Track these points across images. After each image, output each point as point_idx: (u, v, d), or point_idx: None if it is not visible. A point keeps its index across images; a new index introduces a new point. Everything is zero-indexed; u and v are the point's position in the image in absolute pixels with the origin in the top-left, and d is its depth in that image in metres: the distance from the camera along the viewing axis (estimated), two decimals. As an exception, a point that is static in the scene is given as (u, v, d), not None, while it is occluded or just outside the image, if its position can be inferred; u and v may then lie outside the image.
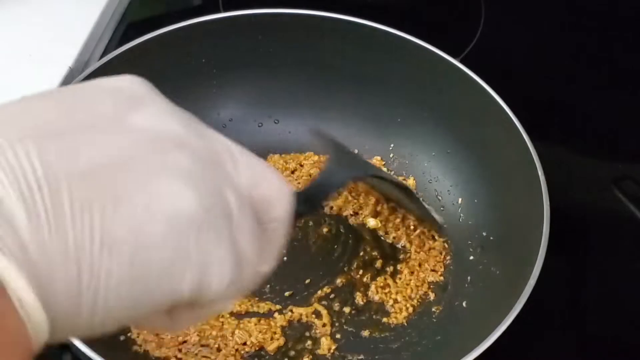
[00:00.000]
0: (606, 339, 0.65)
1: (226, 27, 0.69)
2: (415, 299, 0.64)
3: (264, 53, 0.71)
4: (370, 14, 0.69)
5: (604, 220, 0.73)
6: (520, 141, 0.63)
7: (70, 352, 0.56)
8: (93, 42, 0.77)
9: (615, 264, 0.70)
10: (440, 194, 0.70)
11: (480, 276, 0.63)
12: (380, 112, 0.72)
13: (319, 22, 0.70)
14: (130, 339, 0.59)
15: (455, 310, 0.62)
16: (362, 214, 0.68)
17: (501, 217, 0.65)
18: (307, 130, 0.72)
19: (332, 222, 0.68)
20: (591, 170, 0.77)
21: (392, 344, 0.61)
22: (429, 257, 0.66)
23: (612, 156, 0.78)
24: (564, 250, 0.67)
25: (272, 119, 0.74)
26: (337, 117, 0.73)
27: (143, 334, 0.59)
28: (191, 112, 0.76)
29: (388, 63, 0.70)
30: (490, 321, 0.54)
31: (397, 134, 0.72)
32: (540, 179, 0.60)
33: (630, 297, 0.68)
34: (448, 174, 0.70)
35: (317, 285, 0.64)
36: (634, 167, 0.78)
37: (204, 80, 0.71)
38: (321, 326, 0.61)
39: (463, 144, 0.69)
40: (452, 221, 0.68)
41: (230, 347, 0.59)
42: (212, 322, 0.60)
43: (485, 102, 0.65)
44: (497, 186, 0.66)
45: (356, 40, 0.70)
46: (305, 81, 0.73)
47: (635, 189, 0.74)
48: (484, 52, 0.82)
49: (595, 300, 0.68)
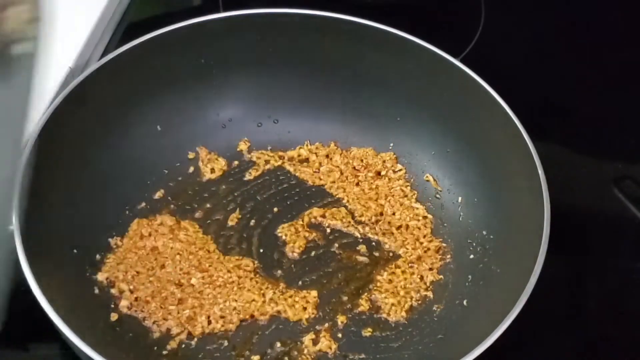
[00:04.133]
0: (606, 339, 0.65)
1: (226, 27, 0.69)
2: (414, 299, 0.64)
3: (263, 53, 0.71)
4: (370, 14, 0.69)
5: (604, 220, 0.73)
6: (520, 141, 0.63)
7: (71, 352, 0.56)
8: (93, 42, 0.77)
9: (615, 264, 0.70)
10: (440, 193, 0.70)
11: (481, 275, 0.63)
12: (380, 112, 0.72)
13: (319, 22, 0.70)
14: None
15: (456, 309, 0.62)
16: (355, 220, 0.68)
17: (501, 217, 0.65)
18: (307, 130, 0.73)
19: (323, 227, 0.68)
20: (591, 170, 0.77)
21: (393, 343, 0.61)
22: (425, 257, 0.66)
23: (612, 156, 0.78)
24: (564, 250, 0.67)
25: (271, 118, 0.74)
26: (337, 116, 0.73)
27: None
28: (191, 112, 0.77)
29: (388, 63, 0.70)
30: (491, 320, 0.54)
31: (397, 134, 0.72)
32: (540, 179, 0.60)
33: (630, 297, 0.68)
34: (448, 173, 0.70)
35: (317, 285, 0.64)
36: (634, 167, 0.78)
37: (204, 80, 0.71)
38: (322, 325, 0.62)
39: (463, 144, 0.69)
40: (452, 220, 0.68)
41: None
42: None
43: (485, 102, 0.65)
44: (497, 185, 0.66)
45: (356, 40, 0.70)
46: (305, 81, 0.73)
47: (635, 189, 0.74)
48: (484, 52, 0.82)
49: (595, 300, 0.68)
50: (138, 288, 0.62)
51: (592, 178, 0.76)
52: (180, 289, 0.62)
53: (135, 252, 0.64)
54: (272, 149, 0.73)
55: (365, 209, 0.69)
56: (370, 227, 0.68)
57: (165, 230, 0.66)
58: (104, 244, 0.64)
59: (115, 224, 0.66)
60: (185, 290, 0.62)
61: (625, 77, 0.85)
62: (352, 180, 0.71)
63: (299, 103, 0.73)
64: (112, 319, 0.60)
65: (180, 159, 0.71)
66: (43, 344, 0.60)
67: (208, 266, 0.64)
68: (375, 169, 0.71)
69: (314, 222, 0.68)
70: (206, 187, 0.70)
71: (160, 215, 0.67)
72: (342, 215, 0.68)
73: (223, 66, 0.71)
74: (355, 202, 0.69)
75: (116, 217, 0.66)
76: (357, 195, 0.70)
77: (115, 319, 0.60)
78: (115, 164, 0.66)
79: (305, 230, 0.67)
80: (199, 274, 0.63)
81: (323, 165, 0.72)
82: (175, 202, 0.68)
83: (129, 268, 0.63)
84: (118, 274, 0.62)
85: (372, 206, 0.69)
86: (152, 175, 0.69)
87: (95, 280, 0.62)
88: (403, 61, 0.69)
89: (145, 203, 0.68)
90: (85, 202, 0.63)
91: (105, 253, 0.64)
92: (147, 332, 0.60)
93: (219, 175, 0.71)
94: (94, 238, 0.64)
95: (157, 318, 0.60)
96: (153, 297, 0.61)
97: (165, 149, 0.70)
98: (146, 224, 0.66)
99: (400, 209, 0.69)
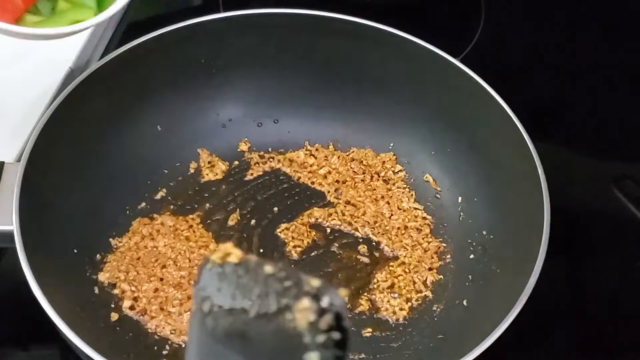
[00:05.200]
0: (606, 339, 0.65)
1: (226, 27, 0.69)
2: (414, 299, 0.64)
3: (263, 53, 0.71)
4: (370, 14, 0.69)
5: (604, 220, 0.73)
6: (520, 141, 0.63)
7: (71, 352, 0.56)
8: (93, 42, 0.77)
9: (615, 264, 0.70)
10: (439, 193, 0.70)
11: (481, 275, 0.63)
12: (380, 112, 0.72)
13: (319, 22, 0.70)
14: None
15: (456, 310, 0.62)
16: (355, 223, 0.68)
17: (501, 216, 0.65)
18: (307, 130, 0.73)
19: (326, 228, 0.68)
20: (591, 170, 0.77)
21: (393, 343, 0.61)
22: (425, 257, 0.66)
23: (612, 156, 0.78)
24: (564, 250, 0.67)
25: (271, 118, 0.74)
26: (337, 116, 0.73)
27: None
28: (191, 112, 0.77)
29: (388, 63, 0.70)
30: (491, 320, 0.54)
31: (397, 133, 0.72)
32: (540, 179, 0.60)
33: (630, 297, 0.68)
34: (448, 173, 0.70)
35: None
36: (634, 167, 0.78)
37: (204, 81, 0.71)
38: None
39: (463, 143, 0.69)
40: (452, 220, 0.68)
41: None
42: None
43: (485, 102, 0.65)
44: (497, 185, 0.66)
45: (356, 40, 0.70)
46: (305, 81, 0.73)
47: (635, 189, 0.74)
48: (484, 52, 0.82)
49: (595, 300, 0.68)
50: (139, 289, 0.62)
51: (592, 178, 0.76)
52: (180, 290, 0.62)
53: (136, 252, 0.64)
54: (272, 149, 0.73)
55: (365, 209, 0.69)
56: (370, 227, 0.68)
57: (166, 231, 0.66)
58: (104, 244, 0.64)
59: (116, 224, 0.66)
60: (187, 292, 0.62)
61: (625, 77, 0.85)
62: (352, 180, 0.71)
63: (299, 103, 0.74)
64: (112, 319, 0.60)
65: (180, 159, 0.71)
66: (43, 344, 0.60)
67: (208, 266, 0.64)
68: (375, 170, 0.71)
69: (314, 222, 0.68)
70: (206, 187, 0.70)
71: (161, 215, 0.67)
72: (342, 216, 0.68)
73: (223, 66, 0.71)
74: (355, 203, 0.69)
75: (116, 217, 0.66)
76: (357, 196, 0.70)
77: (115, 319, 0.60)
78: (116, 164, 0.66)
79: (305, 230, 0.67)
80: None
81: (323, 166, 0.72)
82: (176, 202, 0.68)
83: (129, 268, 0.63)
84: (119, 275, 0.62)
85: (371, 206, 0.69)
86: (153, 175, 0.69)
87: (95, 280, 0.62)
88: (403, 61, 0.69)
89: (146, 203, 0.68)
90: (85, 202, 0.63)
91: (105, 253, 0.64)
92: (147, 332, 0.60)
93: (219, 175, 0.71)
94: (94, 238, 0.64)
95: (158, 322, 0.60)
96: (154, 298, 0.61)
97: (165, 149, 0.70)
98: (146, 224, 0.66)
99: (399, 210, 0.69)
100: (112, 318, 0.60)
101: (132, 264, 0.63)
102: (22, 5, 0.56)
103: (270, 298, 0.28)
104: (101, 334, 0.58)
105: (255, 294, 0.29)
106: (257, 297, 0.29)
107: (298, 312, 0.28)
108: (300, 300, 0.29)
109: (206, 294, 0.29)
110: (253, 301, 0.29)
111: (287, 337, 0.28)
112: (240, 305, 0.29)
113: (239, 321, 0.28)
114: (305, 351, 0.28)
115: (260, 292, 0.29)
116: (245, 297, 0.29)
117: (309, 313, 0.28)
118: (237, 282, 0.29)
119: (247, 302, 0.29)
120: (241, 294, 0.29)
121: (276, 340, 0.28)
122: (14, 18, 0.56)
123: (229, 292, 0.29)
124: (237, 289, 0.29)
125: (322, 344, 0.28)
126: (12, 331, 0.61)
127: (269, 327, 0.28)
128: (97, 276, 0.62)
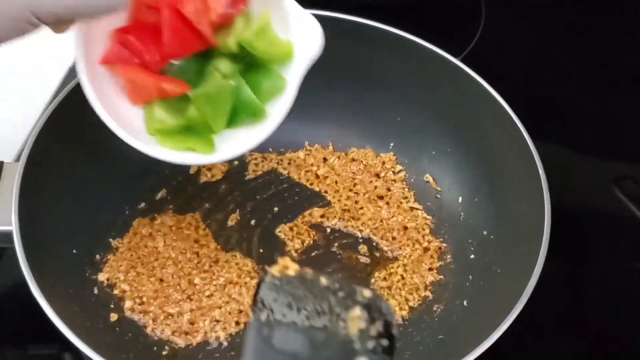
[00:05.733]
0: (606, 339, 0.65)
1: (226, 27, 0.69)
2: (415, 299, 0.64)
3: (264, 53, 0.71)
4: (371, 14, 0.69)
5: (604, 220, 0.73)
6: (521, 141, 0.63)
7: (71, 352, 0.56)
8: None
9: (615, 264, 0.70)
10: (440, 193, 0.70)
11: (481, 275, 0.63)
12: (380, 112, 0.72)
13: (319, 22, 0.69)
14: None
15: (456, 310, 0.62)
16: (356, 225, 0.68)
17: (502, 217, 0.65)
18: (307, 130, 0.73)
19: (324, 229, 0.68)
20: (591, 170, 0.77)
21: (393, 343, 0.61)
22: (425, 257, 0.66)
23: (612, 156, 0.78)
24: (564, 250, 0.67)
25: (271, 118, 0.74)
26: (337, 117, 0.73)
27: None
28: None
29: (388, 63, 0.70)
30: (491, 320, 0.54)
31: (397, 133, 0.72)
32: (540, 179, 0.60)
33: (630, 297, 0.68)
34: (448, 173, 0.70)
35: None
36: (634, 167, 0.78)
37: (204, 80, 0.71)
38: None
39: (463, 143, 0.69)
40: (452, 220, 0.68)
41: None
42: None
43: (485, 102, 0.65)
44: (497, 185, 0.66)
45: (356, 40, 0.69)
46: (305, 81, 0.72)
47: (635, 189, 0.74)
48: (484, 52, 0.82)
49: (595, 300, 0.68)
50: (139, 289, 0.62)
51: (592, 178, 0.76)
52: (180, 291, 0.62)
53: (136, 252, 0.64)
54: (272, 149, 0.73)
55: (365, 209, 0.69)
56: (371, 227, 0.68)
57: (166, 231, 0.66)
58: (104, 244, 0.64)
59: (116, 224, 0.66)
60: (186, 292, 0.62)
61: (625, 77, 0.85)
62: (352, 180, 0.71)
63: (299, 103, 0.73)
64: (111, 319, 0.60)
65: (181, 159, 0.70)
66: (43, 344, 0.60)
67: (209, 267, 0.64)
68: (375, 171, 0.71)
69: (314, 222, 0.68)
70: (206, 187, 0.70)
71: (161, 215, 0.67)
72: (342, 216, 0.68)
73: (223, 66, 0.71)
74: (355, 203, 0.69)
75: (116, 217, 0.66)
76: (357, 196, 0.70)
77: (115, 319, 0.60)
78: (116, 164, 0.66)
79: (305, 230, 0.67)
80: (199, 274, 0.63)
81: (323, 166, 0.72)
82: (176, 202, 0.68)
83: (129, 268, 0.63)
84: (119, 275, 0.62)
85: (371, 207, 0.69)
86: (153, 175, 0.69)
87: (95, 280, 0.62)
88: (403, 61, 0.69)
89: (146, 203, 0.68)
90: (86, 202, 0.63)
91: (105, 253, 0.64)
92: (146, 332, 0.60)
93: (219, 175, 0.71)
94: (94, 238, 0.64)
95: (158, 322, 0.60)
96: (154, 299, 0.61)
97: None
98: (146, 224, 0.66)
99: (400, 210, 0.69)
100: (111, 318, 0.60)
101: (132, 264, 0.63)
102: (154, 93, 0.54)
103: (325, 308, 0.31)
104: (100, 334, 0.58)
105: (310, 304, 0.32)
106: (313, 307, 0.32)
107: (350, 320, 0.31)
108: (353, 309, 0.31)
109: (264, 305, 0.32)
110: (308, 311, 0.31)
111: (339, 343, 0.31)
112: (296, 315, 0.32)
113: (294, 329, 0.31)
114: (356, 356, 0.31)
115: (316, 302, 0.32)
116: (301, 307, 0.32)
117: (360, 321, 0.31)
118: (294, 294, 0.32)
119: (302, 312, 0.32)
120: (297, 305, 0.32)
121: (329, 346, 0.31)
122: (144, 100, 0.54)
123: (285, 302, 0.32)
124: (294, 300, 0.32)
125: (371, 349, 0.31)
126: (12, 331, 0.61)
127: (323, 335, 0.31)
128: (96, 276, 0.62)
